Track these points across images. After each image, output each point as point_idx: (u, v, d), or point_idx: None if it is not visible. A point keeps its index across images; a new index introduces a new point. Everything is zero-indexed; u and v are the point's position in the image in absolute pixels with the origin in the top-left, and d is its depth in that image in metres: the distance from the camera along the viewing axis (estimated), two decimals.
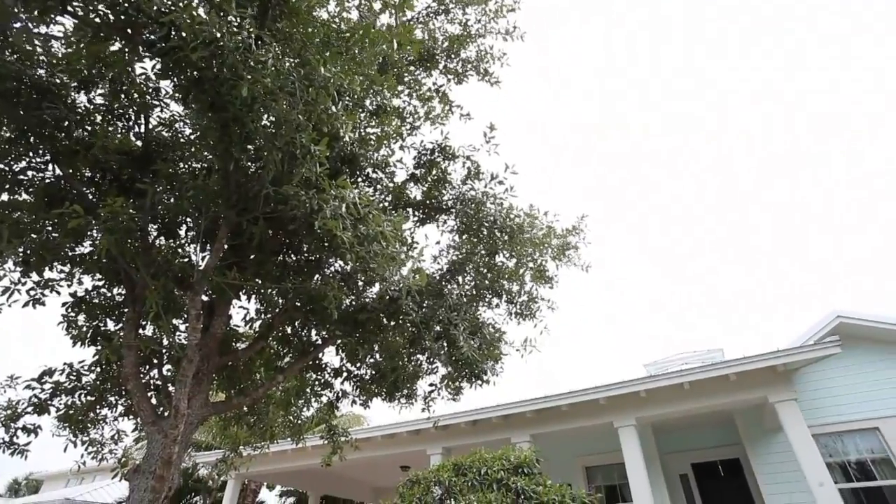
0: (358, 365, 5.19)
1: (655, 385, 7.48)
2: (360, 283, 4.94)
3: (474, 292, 5.04)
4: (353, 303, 4.67)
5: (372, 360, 5.13)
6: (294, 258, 5.07)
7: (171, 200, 4.01)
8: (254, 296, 4.98)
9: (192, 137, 4.38)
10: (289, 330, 5.39)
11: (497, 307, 5.25)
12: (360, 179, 5.02)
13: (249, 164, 4.03)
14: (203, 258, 4.50)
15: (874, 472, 7.40)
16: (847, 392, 7.88)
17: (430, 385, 5.10)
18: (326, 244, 4.12)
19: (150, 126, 4.31)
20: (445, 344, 4.30)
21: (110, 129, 4.08)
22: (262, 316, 4.99)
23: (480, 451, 6.12)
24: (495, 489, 5.22)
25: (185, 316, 4.81)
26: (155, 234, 4.64)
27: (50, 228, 3.94)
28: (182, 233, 4.86)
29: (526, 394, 8.60)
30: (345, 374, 5.24)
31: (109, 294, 4.83)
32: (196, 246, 4.42)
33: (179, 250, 4.79)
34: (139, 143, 4.28)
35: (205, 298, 4.88)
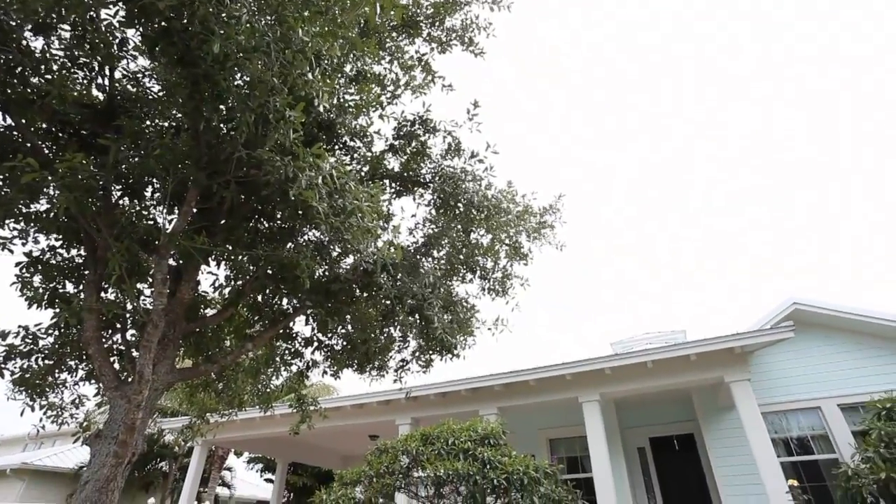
0: (329, 335, 5.16)
1: (620, 363, 7.75)
2: (335, 254, 4.87)
3: (449, 267, 5.05)
4: (326, 273, 4.61)
5: (343, 331, 5.12)
6: (266, 225, 4.94)
7: (136, 160, 3.81)
8: (223, 262, 4.86)
9: (160, 94, 4.15)
10: (259, 298, 5.30)
11: (471, 282, 5.29)
12: (336, 147, 4.90)
13: (221, 125, 3.86)
14: (170, 221, 4.34)
15: (812, 446, 7.94)
16: (796, 374, 8.35)
17: (401, 361, 5.14)
18: (301, 213, 4.02)
19: (115, 78, 4.05)
20: (418, 318, 4.31)
21: (70, 78, 3.82)
22: (232, 283, 4.88)
23: (449, 422, 6.26)
24: (462, 459, 5.36)
25: (151, 280, 4.66)
26: (119, 194, 4.44)
27: (1, 183, 3.70)
28: (148, 194, 4.65)
29: (495, 368, 8.80)
30: (315, 344, 5.21)
31: (68, 255, 4.63)
32: (163, 208, 4.25)
33: (145, 212, 4.60)
34: (102, 96, 4.03)
35: (172, 263, 4.73)
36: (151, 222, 4.54)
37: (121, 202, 4.44)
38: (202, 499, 19.52)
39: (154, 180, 4.41)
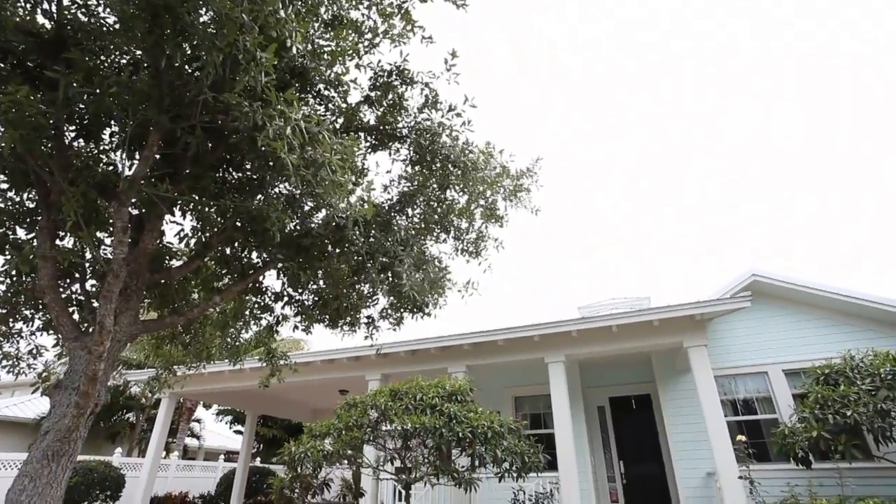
0: (300, 291, 5.10)
1: (586, 326, 8.01)
2: (306, 208, 4.74)
3: (423, 226, 5.00)
4: (298, 227, 4.49)
5: (315, 287, 5.06)
6: (235, 175, 4.74)
7: (90, 98, 3.54)
8: (189, 212, 4.66)
9: (116, 26, 3.81)
10: (228, 251, 5.15)
11: (444, 242, 5.27)
12: (310, 96, 4.67)
13: (185, 65, 3.60)
14: (130, 167, 4.11)
15: (757, 407, 8.52)
16: (748, 341, 8.83)
17: (368, 318, 5.14)
18: (270, 164, 3.86)
19: (63, 5, 3.69)
20: (390, 276, 4.28)
21: (10, 0, 3.45)
22: (199, 234, 4.71)
23: (418, 378, 6.39)
24: (429, 413, 5.51)
25: (111, 229, 4.44)
26: (73, 135, 4.14)
27: None
28: (106, 137, 4.36)
29: (465, 328, 8.97)
30: (286, 299, 5.15)
31: (17, 199, 4.34)
32: (122, 152, 4.00)
33: (103, 156, 4.33)
34: (49, 24, 3.68)
35: (134, 211, 4.52)
36: (110, 167, 4.28)
37: (75, 144, 4.15)
38: (171, 449, 19.68)
39: (112, 122, 4.12)
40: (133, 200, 4.25)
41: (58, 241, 4.27)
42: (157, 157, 4.19)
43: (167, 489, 12.92)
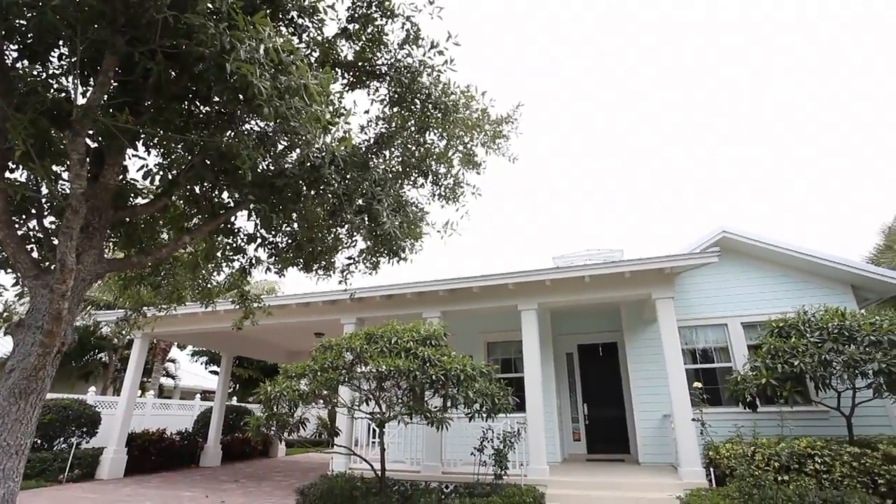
0: (273, 233, 4.96)
1: (560, 276, 8.17)
2: (280, 147, 4.52)
3: (400, 169, 4.86)
4: (271, 167, 4.30)
5: (289, 229, 4.93)
6: (202, 109, 4.44)
7: (31, 12, 3.18)
8: (153, 147, 4.39)
9: None
10: (197, 189, 4.93)
11: (422, 187, 5.16)
12: (282, 25, 4.33)
13: None
14: (85, 93, 3.79)
15: (714, 356, 9.05)
16: (712, 294, 9.22)
17: (348, 258, 5.07)
18: (240, 96, 3.61)
19: None
20: (367, 218, 4.19)
21: None
22: (165, 171, 4.47)
23: (393, 323, 6.48)
24: (403, 356, 5.64)
25: (68, 162, 4.16)
26: (15, 55, 3.76)
27: None
28: (55, 61, 3.98)
29: (439, 275, 9.04)
30: (259, 241, 5.01)
31: None
32: (74, 77, 3.67)
33: (53, 81, 3.97)
34: None
35: (92, 144, 4.24)
36: (62, 94, 3.94)
37: (19, 65, 3.78)
38: (146, 389, 19.83)
39: (60, 42, 3.75)
40: (90, 132, 3.97)
41: (9, 174, 3.99)
42: (115, 84, 3.88)
43: (144, 426, 13.12)
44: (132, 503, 7.86)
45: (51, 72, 3.94)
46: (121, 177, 4.51)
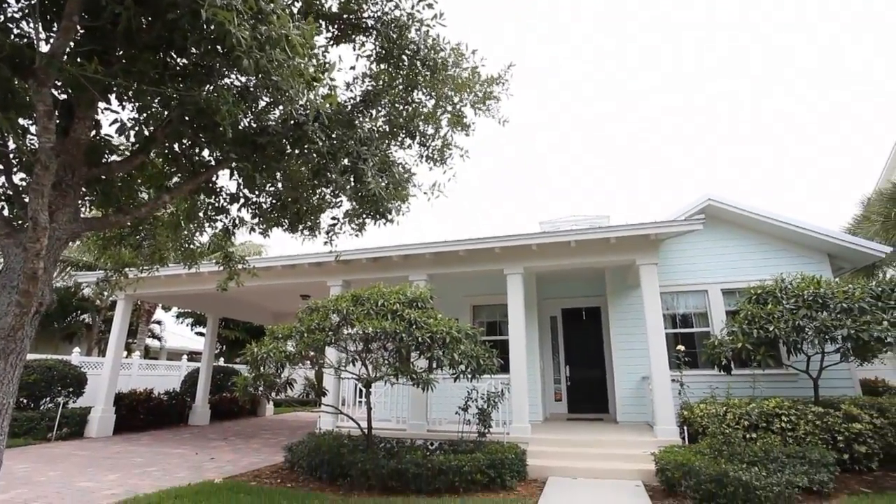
0: (256, 192, 4.83)
1: (546, 241, 8.21)
2: (262, 103, 4.34)
3: (387, 129, 4.71)
4: (252, 123, 4.14)
5: (272, 189, 4.80)
6: (178, 60, 4.21)
7: None
8: (127, 100, 4.18)
9: None
10: (176, 147, 4.74)
11: (409, 148, 5.03)
12: None
13: None
14: (48, 40, 3.55)
15: (693, 321, 9.30)
16: (695, 261, 9.38)
17: (333, 219, 4.99)
18: (219, 47, 3.42)
19: None
20: (352, 179, 4.08)
21: None
22: (140, 126, 4.27)
23: (379, 285, 6.49)
24: (390, 318, 5.67)
25: (35, 115, 3.94)
26: None
27: None
28: (13, 3, 3.70)
29: (425, 238, 9.01)
30: (242, 201, 4.89)
31: None
32: (34, 21, 3.43)
33: (12, 26, 3.71)
34: None
35: (61, 96, 4.02)
36: (24, 41, 3.69)
37: None
38: (132, 350, 19.82)
39: None
40: (57, 82, 3.76)
41: None
42: (82, 31, 3.65)
43: (131, 387, 13.18)
44: (123, 459, 7.98)
45: (9, 15, 3.67)
46: (94, 132, 4.32)
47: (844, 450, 6.19)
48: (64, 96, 4.02)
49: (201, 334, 21.84)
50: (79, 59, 3.40)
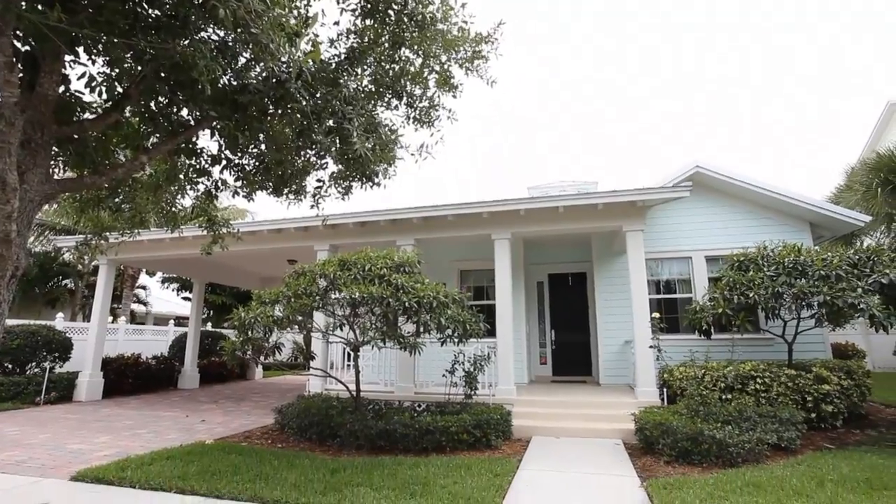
0: (239, 154, 4.68)
1: (534, 206, 8.18)
2: (242, 60, 4.14)
3: (373, 88, 4.55)
4: (232, 81, 3.96)
5: (256, 151, 4.66)
6: (150, 11, 3.97)
7: None
8: (96, 53, 3.95)
9: None
10: (152, 105, 4.54)
11: (396, 109, 4.88)
12: None
13: None
14: None
15: (676, 288, 9.48)
16: (680, 228, 9.46)
17: (319, 181, 4.87)
18: None
19: None
20: (337, 140, 3.96)
21: None
22: (112, 82, 4.06)
23: (366, 250, 6.44)
24: (377, 283, 5.66)
25: None
26: None
27: None
28: None
29: (413, 202, 8.91)
30: (224, 163, 4.73)
31: None
32: None
33: None
34: None
35: (24, 48, 3.78)
36: None
37: None
38: (117, 315, 19.67)
39: None
40: (18, 32, 3.53)
41: None
42: None
43: (118, 351, 13.16)
44: (113, 422, 8.05)
45: None
46: (62, 87, 4.10)
47: (812, 409, 6.48)
48: (27, 48, 3.79)
49: (188, 299, 21.71)
50: (40, 7, 3.18)
